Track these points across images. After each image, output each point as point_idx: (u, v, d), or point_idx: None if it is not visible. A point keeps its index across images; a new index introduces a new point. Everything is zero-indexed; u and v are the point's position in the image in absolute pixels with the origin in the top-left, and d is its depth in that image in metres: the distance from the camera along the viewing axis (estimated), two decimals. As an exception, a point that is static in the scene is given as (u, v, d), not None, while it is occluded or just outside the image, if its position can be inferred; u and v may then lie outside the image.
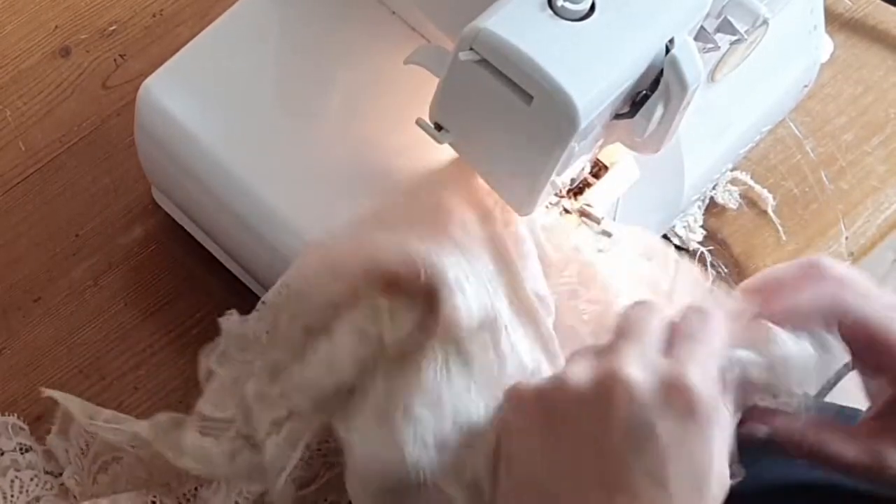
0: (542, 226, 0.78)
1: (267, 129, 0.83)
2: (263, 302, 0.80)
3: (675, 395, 0.65)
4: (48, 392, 0.84)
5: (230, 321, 0.80)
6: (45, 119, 0.95)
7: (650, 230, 0.89)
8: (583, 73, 0.67)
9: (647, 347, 0.68)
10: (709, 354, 0.68)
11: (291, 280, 0.79)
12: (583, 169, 0.80)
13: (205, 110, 0.83)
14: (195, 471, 0.79)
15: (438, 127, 0.73)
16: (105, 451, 0.83)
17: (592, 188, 0.81)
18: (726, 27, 0.76)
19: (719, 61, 0.82)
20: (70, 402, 0.83)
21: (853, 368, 0.73)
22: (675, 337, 0.68)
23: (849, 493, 0.81)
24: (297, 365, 0.76)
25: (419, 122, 0.74)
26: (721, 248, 0.94)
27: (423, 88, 0.74)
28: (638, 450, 0.65)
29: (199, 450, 0.79)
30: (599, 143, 0.75)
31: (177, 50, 0.86)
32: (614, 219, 0.83)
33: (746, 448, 0.75)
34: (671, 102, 0.70)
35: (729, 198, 0.94)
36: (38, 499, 0.83)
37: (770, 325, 0.70)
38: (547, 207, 0.80)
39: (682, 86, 0.69)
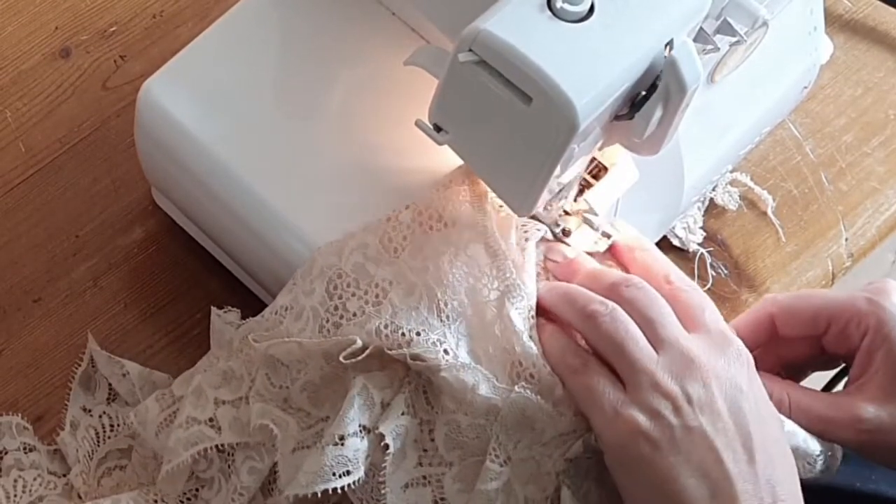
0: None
1: (267, 130, 0.83)
2: (262, 316, 0.81)
3: (732, 348, 0.72)
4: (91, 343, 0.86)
5: (219, 318, 0.83)
6: (45, 120, 0.95)
7: (650, 231, 0.89)
8: (582, 75, 0.67)
9: (675, 325, 0.73)
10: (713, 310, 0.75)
11: (291, 303, 0.79)
12: (582, 170, 0.80)
13: (205, 111, 0.83)
14: (135, 425, 0.83)
15: (437, 128, 0.73)
16: (111, 457, 0.84)
17: (592, 189, 0.81)
18: (726, 28, 0.76)
19: (719, 63, 0.82)
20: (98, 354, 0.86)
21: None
22: (677, 309, 0.74)
23: (847, 494, 0.81)
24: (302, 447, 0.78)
25: (418, 123, 0.74)
26: (721, 249, 0.94)
27: (422, 89, 0.74)
28: (743, 412, 0.71)
29: (144, 410, 0.82)
30: (599, 144, 0.75)
31: (177, 51, 0.86)
32: (614, 220, 0.83)
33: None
34: (670, 104, 0.70)
35: (729, 199, 0.94)
36: (41, 498, 0.84)
37: None
38: (546, 209, 0.80)
39: (682, 87, 0.70)
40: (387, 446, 0.74)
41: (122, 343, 0.88)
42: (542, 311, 0.76)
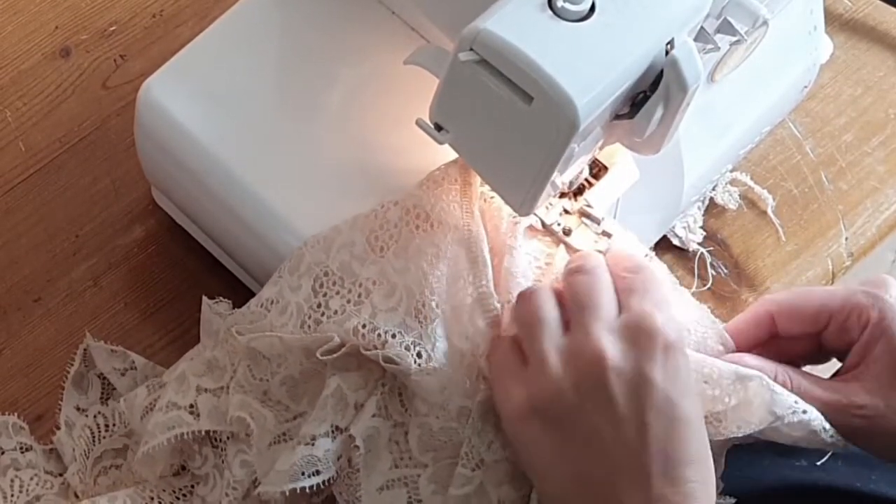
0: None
1: (267, 129, 0.83)
2: (248, 307, 0.81)
3: (647, 337, 0.70)
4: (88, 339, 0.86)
5: (209, 307, 0.83)
6: (45, 120, 0.95)
7: (650, 231, 0.89)
8: (583, 74, 0.67)
9: (605, 313, 0.71)
10: (658, 300, 0.73)
11: (277, 297, 0.79)
12: (582, 170, 0.80)
13: (205, 110, 0.83)
14: (126, 415, 0.83)
15: (438, 127, 0.73)
16: (107, 456, 0.84)
17: (592, 189, 0.81)
18: (726, 28, 0.76)
19: (719, 62, 0.82)
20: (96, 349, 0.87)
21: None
22: (622, 296, 0.73)
23: (847, 494, 0.81)
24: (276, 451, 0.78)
25: (419, 123, 0.74)
26: (721, 248, 0.94)
27: (423, 89, 0.74)
28: (646, 403, 0.69)
29: (132, 397, 0.83)
30: (599, 143, 0.75)
31: (177, 50, 0.86)
32: (614, 219, 0.83)
33: (746, 450, 0.76)
34: (671, 103, 0.70)
35: (729, 198, 0.94)
36: (38, 498, 0.84)
37: None
38: (547, 208, 0.80)
39: (682, 86, 0.69)
40: (357, 447, 0.75)
41: (122, 343, 0.88)
42: None
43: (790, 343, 0.80)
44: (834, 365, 0.81)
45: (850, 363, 0.77)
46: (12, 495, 0.83)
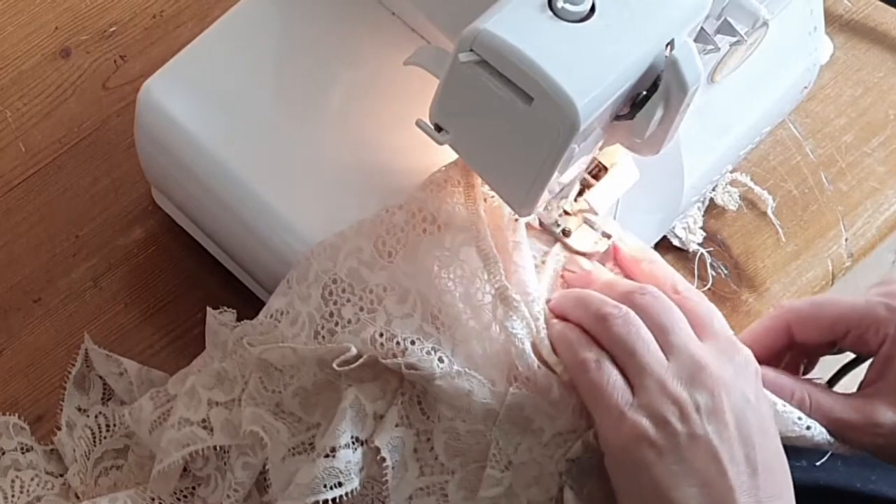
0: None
1: (267, 130, 0.83)
2: (257, 319, 0.81)
3: (745, 361, 0.72)
4: (87, 342, 0.86)
5: (214, 318, 0.83)
6: (45, 120, 0.95)
7: (650, 231, 0.89)
8: (583, 75, 0.67)
9: (692, 335, 0.72)
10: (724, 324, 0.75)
11: (286, 308, 0.79)
12: (583, 170, 0.80)
13: (205, 111, 0.83)
14: (129, 422, 0.83)
15: (438, 128, 0.73)
16: (107, 456, 0.84)
17: (592, 189, 0.81)
18: (726, 29, 0.76)
19: (719, 63, 0.82)
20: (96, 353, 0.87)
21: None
22: (693, 324, 0.73)
23: (847, 494, 0.81)
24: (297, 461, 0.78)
25: (419, 123, 0.74)
26: (721, 249, 0.94)
27: (423, 89, 0.74)
28: (752, 426, 0.70)
29: (138, 408, 0.82)
30: (599, 144, 0.75)
31: (177, 51, 0.86)
32: (614, 220, 0.83)
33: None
34: (671, 104, 0.70)
35: (729, 199, 0.94)
36: (38, 498, 0.84)
37: None
38: (547, 209, 0.80)
39: (682, 87, 0.69)
40: (383, 459, 0.75)
41: (121, 343, 0.88)
42: (555, 315, 0.76)
43: (807, 345, 0.80)
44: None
45: (870, 378, 0.77)
46: (13, 496, 0.83)
